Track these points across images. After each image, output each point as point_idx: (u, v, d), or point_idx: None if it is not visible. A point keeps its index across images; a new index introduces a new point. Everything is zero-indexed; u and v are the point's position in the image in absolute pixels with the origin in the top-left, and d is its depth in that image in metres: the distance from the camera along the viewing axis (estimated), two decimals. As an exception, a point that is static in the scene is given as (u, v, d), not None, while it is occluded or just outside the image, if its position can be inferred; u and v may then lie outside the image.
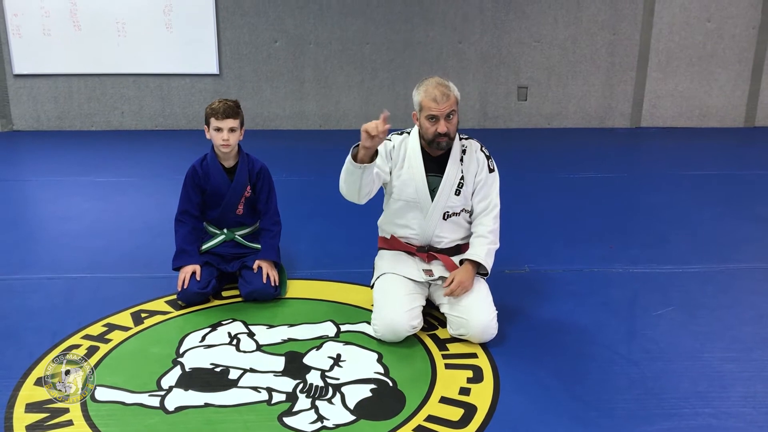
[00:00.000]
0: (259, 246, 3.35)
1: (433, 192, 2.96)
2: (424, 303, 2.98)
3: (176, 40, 6.97)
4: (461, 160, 2.98)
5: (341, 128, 7.44)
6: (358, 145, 2.76)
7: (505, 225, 3.09)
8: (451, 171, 2.95)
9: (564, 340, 2.95)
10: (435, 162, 2.97)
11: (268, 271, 3.25)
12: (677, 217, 4.59)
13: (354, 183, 2.85)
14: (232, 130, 3.17)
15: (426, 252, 3.04)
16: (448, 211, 2.98)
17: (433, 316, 3.06)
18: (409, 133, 3.07)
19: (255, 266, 3.25)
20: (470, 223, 3.04)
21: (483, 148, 3.05)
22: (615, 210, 4.81)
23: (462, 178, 2.96)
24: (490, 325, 2.83)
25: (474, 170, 2.99)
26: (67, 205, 4.88)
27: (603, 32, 7.27)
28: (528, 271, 3.66)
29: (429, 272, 3.01)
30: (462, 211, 3.01)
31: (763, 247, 4.04)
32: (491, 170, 3.02)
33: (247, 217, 3.36)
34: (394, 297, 2.90)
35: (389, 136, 3.04)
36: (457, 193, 2.97)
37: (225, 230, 3.35)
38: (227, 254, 3.34)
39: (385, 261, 3.08)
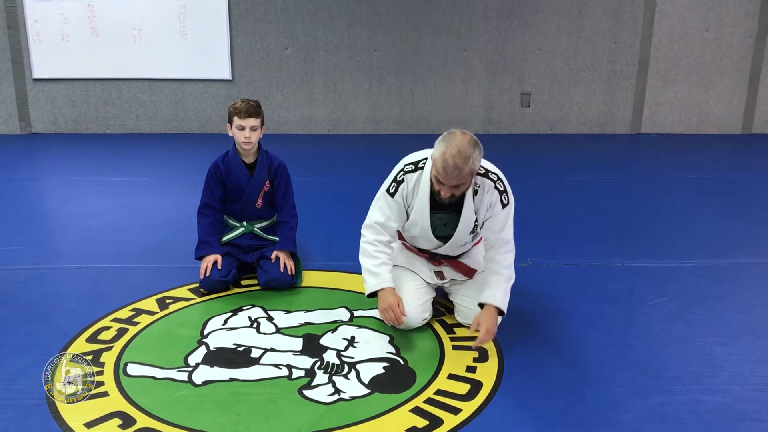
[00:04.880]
0: (277, 238, 3.55)
1: (444, 227, 2.96)
2: (434, 295, 3.16)
3: (190, 47, 7.19)
4: (473, 200, 2.91)
5: (350, 133, 7.65)
6: (375, 293, 2.96)
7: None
8: (466, 215, 2.91)
9: (564, 327, 3.13)
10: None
11: (285, 260, 3.44)
12: (674, 218, 4.78)
13: None
14: (253, 128, 3.39)
15: (437, 260, 3.15)
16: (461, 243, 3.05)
17: (441, 303, 3.25)
18: (423, 168, 2.93)
19: (273, 256, 3.45)
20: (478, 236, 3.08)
21: (498, 185, 2.91)
22: (615, 210, 5.00)
23: (476, 220, 2.93)
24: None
25: (485, 209, 2.92)
26: (88, 202, 5.08)
27: (604, 41, 7.48)
28: (530, 265, 3.84)
29: (440, 274, 3.14)
30: (471, 241, 3.08)
31: (753, 244, 4.23)
32: (504, 205, 2.93)
33: (265, 211, 3.57)
34: (406, 291, 3.05)
35: (404, 173, 2.94)
36: (472, 232, 2.98)
37: (244, 223, 3.55)
38: (246, 245, 3.53)
39: (399, 258, 3.22)
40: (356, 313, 3.19)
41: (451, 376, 2.67)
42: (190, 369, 2.71)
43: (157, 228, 4.45)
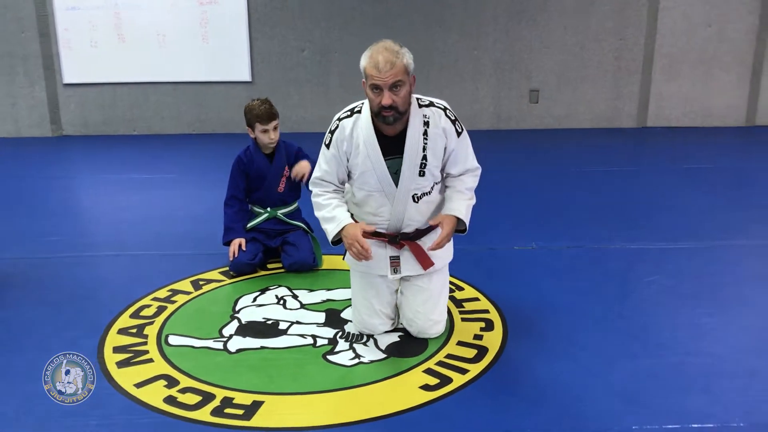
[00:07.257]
0: (299, 223, 3.86)
1: (395, 176, 2.73)
2: (395, 295, 3.05)
3: (212, 50, 7.53)
4: (425, 134, 2.70)
5: (364, 131, 7.94)
6: (339, 238, 2.79)
7: (515, 208, 3.49)
8: (411, 151, 2.70)
9: (564, 300, 3.40)
10: (394, 142, 2.71)
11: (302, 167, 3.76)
12: (674, 205, 5.00)
13: None
14: (275, 128, 3.74)
15: (397, 242, 2.86)
16: (416, 193, 2.78)
17: (450, 281, 3.52)
18: (360, 111, 2.77)
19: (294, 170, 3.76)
20: (446, 187, 2.90)
21: (448, 113, 2.77)
22: (618, 198, 5.24)
23: (425, 157, 2.72)
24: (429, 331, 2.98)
25: (442, 143, 2.74)
26: (119, 198, 5.41)
27: (610, 38, 7.72)
28: (535, 248, 4.11)
29: (396, 263, 2.88)
30: (434, 185, 2.82)
31: (747, 228, 4.44)
32: (459, 133, 2.77)
33: (287, 195, 3.87)
34: (368, 302, 2.97)
35: (337, 120, 2.81)
36: (422, 174, 2.74)
37: (269, 209, 3.85)
38: (271, 231, 3.84)
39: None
40: (373, 291, 3.47)
41: (460, 343, 2.95)
42: (224, 339, 3.02)
43: (185, 219, 4.76)
